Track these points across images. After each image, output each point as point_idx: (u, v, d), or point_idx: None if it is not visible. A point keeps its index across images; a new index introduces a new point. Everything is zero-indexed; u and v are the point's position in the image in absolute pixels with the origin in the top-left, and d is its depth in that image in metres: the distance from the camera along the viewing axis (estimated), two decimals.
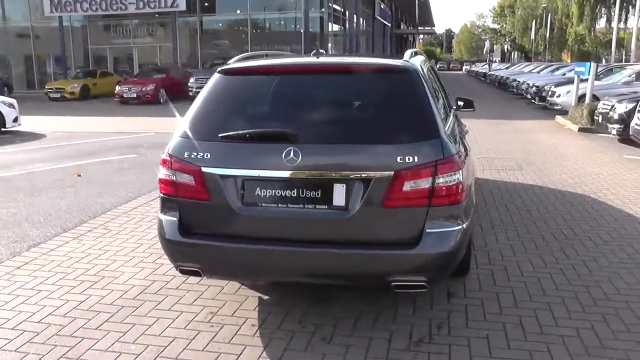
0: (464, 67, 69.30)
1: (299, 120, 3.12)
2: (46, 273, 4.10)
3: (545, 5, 45.93)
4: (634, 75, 13.84)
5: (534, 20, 47.45)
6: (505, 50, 78.98)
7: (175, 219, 3.15)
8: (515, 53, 72.01)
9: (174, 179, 3.12)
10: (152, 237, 4.88)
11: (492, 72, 36.79)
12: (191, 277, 3.91)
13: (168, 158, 3.15)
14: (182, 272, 3.22)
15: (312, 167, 2.91)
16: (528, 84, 21.04)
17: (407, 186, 2.85)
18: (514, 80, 25.42)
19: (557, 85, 16.68)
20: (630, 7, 32.03)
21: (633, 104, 9.31)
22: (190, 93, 19.46)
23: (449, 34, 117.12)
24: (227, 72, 3.37)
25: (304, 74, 3.35)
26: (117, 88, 20.33)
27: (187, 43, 28.78)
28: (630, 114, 9.33)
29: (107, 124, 14.17)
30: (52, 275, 4.06)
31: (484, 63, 63.62)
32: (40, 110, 18.01)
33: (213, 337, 3.13)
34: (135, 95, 19.59)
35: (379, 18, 41.30)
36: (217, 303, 3.57)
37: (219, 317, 3.38)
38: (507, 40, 71.31)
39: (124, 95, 19.76)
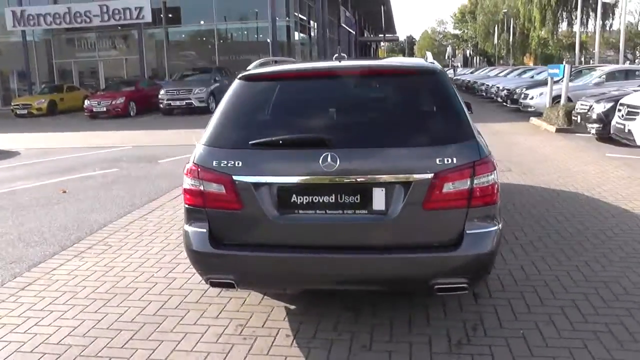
0: None
1: (332, 125, 3.08)
2: (53, 293, 3.92)
3: (506, 10, 47.14)
4: (604, 77, 14.29)
5: (496, 25, 48.65)
6: (467, 55, 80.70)
7: (204, 230, 3.04)
8: (477, 58, 73.64)
9: (202, 189, 3.02)
10: (157, 252, 4.74)
11: (458, 77, 37.51)
12: (210, 290, 3.83)
13: (194, 168, 3.05)
14: (213, 284, 3.12)
15: (351, 171, 2.86)
16: (498, 87, 21.49)
17: (447, 188, 2.84)
18: (482, 84, 25.95)
19: (529, 87, 17.10)
20: (590, 11, 33.19)
21: (611, 104, 9.59)
22: (161, 105, 19.16)
23: (411, 40, 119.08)
24: (249, 78, 3.30)
25: (331, 78, 3.30)
26: (86, 102, 19.83)
27: (154, 55, 28.37)
28: (608, 114, 9.61)
29: (80, 139, 13.78)
30: (60, 295, 3.88)
31: (447, 68, 64.84)
32: (8, 127, 17.44)
33: (249, 350, 3.03)
34: (105, 109, 19.14)
35: (344, 26, 41.62)
36: (244, 315, 3.47)
37: (250, 329, 3.29)
38: (469, 45, 72.91)
39: (94, 110, 19.28)
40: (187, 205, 3.15)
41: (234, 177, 2.94)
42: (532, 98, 15.97)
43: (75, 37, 28.61)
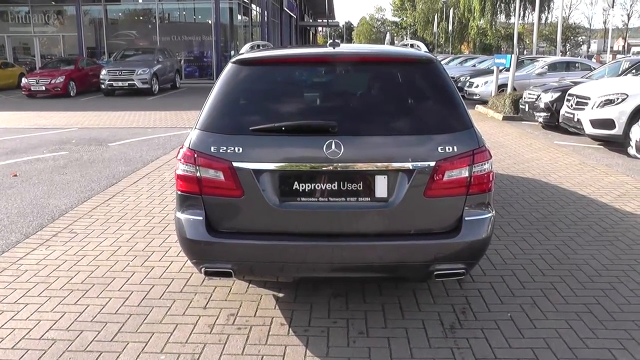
0: None
1: (334, 112, 3.04)
2: (25, 284, 3.69)
3: (445, 0, 48.10)
4: (547, 67, 14.92)
5: (436, 14, 49.58)
6: (406, 42, 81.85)
7: (200, 217, 2.94)
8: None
9: (198, 175, 2.92)
10: (128, 239, 4.56)
11: None
12: (193, 278, 3.75)
13: (190, 153, 2.93)
14: (208, 273, 3.02)
15: (354, 159, 2.84)
16: None
17: (448, 176, 2.88)
18: None
19: (473, 76, 17.67)
20: (527, 3, 34.41)
21: (558, 94, 10.03)
22: (102, 86, 18.35)
23: (349, 26, 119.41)
24: (245, 62, 3.20)
25: (330, 64, 3.25)
26: (24, 80, 18.61)
27: (92, 33, 27.02)
28: (554, 103, 10.06)
29: (21, 120, 12.97)
30: (33, 286, 3.66)
31: None
32: None
33: (247, 340, 2.98)
34: (44, 88, 18.05)
35: (287, 10, 41.17)
36: (233, 304, 3.40)
37: (242, 318, 3.23)
38: (407, 32, 73.93)
39: (32, 88, 18.14)
40: (180, 192, 3.03)
41: (234, 164, 2.85)
42: (477, 86, 16.52)
43: (9, 10, 26.79)
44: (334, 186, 2.88)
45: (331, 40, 3.33)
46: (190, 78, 24.74)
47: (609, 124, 8.07)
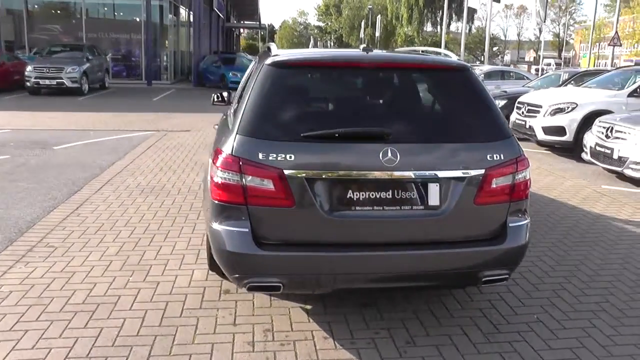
0: None
1: (382, 118, 2.96)
2: (15, 308, 3.30)
3: (371, 6, 49.28)
4: (483, 76, 15.61)
5: (362, 20, 50.64)
6: (329, 47, 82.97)
7: (245, 229, 2.76)
8: None
9: (242, 183, 2.73)
10: (116, 252, 4.22)
11: None
12: (208, 293, 3.54)
13: (234, 160, 2.74)
14: (253, 289, 2.84)
15: (410, 167, 2.79)
16: None
17: (495, 183, 2.90)
18: None
19: None
20: (453, 13, 36.00)
21: (504, 101, 10.54)
22: (28, 84, 17.02)
23: (271, 30, 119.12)
24: (283, 65, 3.04)
25: (370, 69, 3.16)
26: None
27: (11, 26, 25.03)
28: (502, 110, 10.53)
29: None
30: (26, 310, 3.27)
31: None
32: None
33: (297, 357, 2.83)
34: None
35: (216, 10, 40.37)
36: (263, 319, 3.23)
37: (280, 333, 3.07)
38: (332, 37, 74.94)
39: None
40: (219, 202, 2.83)
41: (286, 172, 2.70)
42: None
43: None
44: (389, 195, 2.80)
45: (364, 45, 3.25)
46: (118, 78, 23.46)
47: (560, 130, 8.57)
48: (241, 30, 73.46)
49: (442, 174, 2.83)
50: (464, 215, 2.88)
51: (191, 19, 26.78)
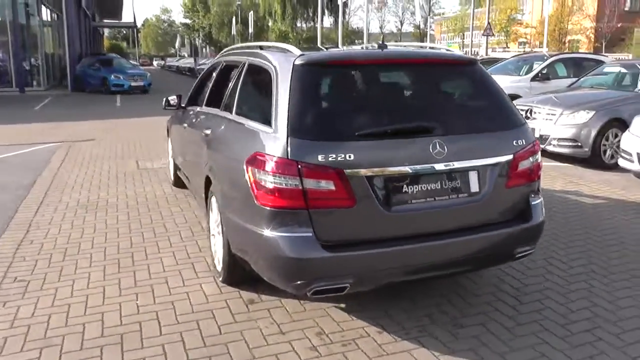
0: (155, 62, 67.58)
1: (425, 112, 3.05)
2: (26, 354, 2.88)
3: (239, 2, 48.83)
4: None
5: (233, 16, 49.99)
6: (198, 44, 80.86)
7: (308, 233, 2.70)
8: (208, 48, 74.36)
9: (302, 187, 2.66)
10: (103, 278, 3.86)
11: (202, 67, 37.46)
12: (233, 305, 3.39)
13: (291, 163, 2.66)
14: (319, 293, 2.78)
15: (455, 157, 2.91)
16: None
17: (521, 166, 3.13)
18: None
19: None
20: (326, 9, 36.85)
21: None
22: None
23: (134, 28, 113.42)
24: (315, 64, 3.00)
25: (402, 65, 3.22)
26: None
27: None
28: None
29: None
30: (40, 354, 2.88)
31: (177, 58, 64.02)
32: None
33: (367, 354, 2.83)
34: None
35: (85, 9, 37.52)
36: (307, 323, 3.16)
37: (335, 335, 3.03)
38: (200, 34, 73.10)
39: None
40: (272, 208, 2.73)
41: (346, 172, 2.68)
42: None
43: None
44: (438, 185, 2.90)
45: (380, 42, 3.29)
46: None
47: None
48: (104, 29, 68.90)
49: (480, 162, 3.00)
50: (499, 198, 3.08)
51: (64, 18, 24.41)
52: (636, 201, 5.79)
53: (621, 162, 6.49)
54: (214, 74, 4.66)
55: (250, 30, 41.84)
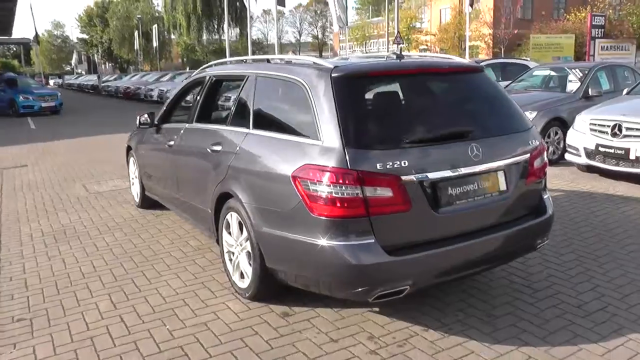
0: (51, 81, 63.96)
1: (459, 118, 3.22)
2: None
3: (140, 16, 47.16)
4: None
5: (136, 30, 48.20)
6: (97, 60, 77.15)
7: (371, 240, 2.77)
8: (107, 64, 71.28)
9: (363, 195, 2.73)
10: (113, 306, 3.66)
11: (107, 84, 35.96)
12: (271, 320, 3.36)
13: (349, 174, 2.71)
14: (381, 297, 2.85)
15: (488, 159, 3.11)
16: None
17: (536, 164, 3.40)
18: (151, 89, 25.88)
19: None
20: (231, 21, 36.59)
21: None
22: None
23: (27, 45, 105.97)
24: (352, 76, 3.09)
25: (428, 75, 3.39)
26: None
27: None
28: None
29: None
30: None
31: (75, 75, 60.80)
32: None
33: (424, 352, 2.93)
34: None
35: None
36: (354, 329, 3.20)
37: (386, 337, 3.10)
38: (99, 50, 69.80)
39: None
40: (330, 218, 2.76)
41: (403, 178, 2.78)
42: None
43: None
44: (476, 186, 3.09)
45: (394, 52, 3.43)
46: None
47: None
48: None
49: (507, 162, 3.22)
50: (520, 195, 3.32)
51: None
52: (588, 190, 6.38)
53: (568, 157, 7.09)
54: (202, 90, 4.55)
55: (155, 44, 40.59)
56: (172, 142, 4.71)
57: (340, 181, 2.73)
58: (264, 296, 3.52)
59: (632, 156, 6.24)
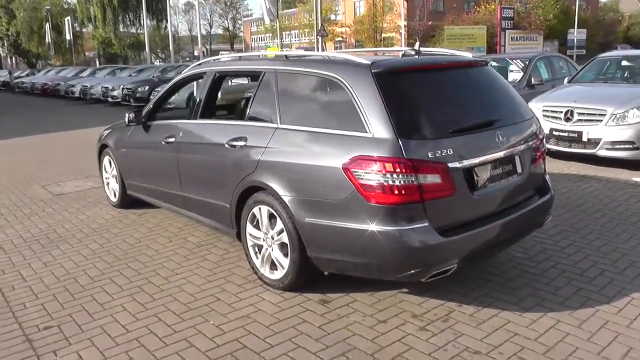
0: None
1: (484, 108, 3.50)
2: None
3: (49, 7, 44.33)
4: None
5: (46, 23, 45.14)
6: (1, 54, 71.57)
7: (425, 224, 2.98)
8: (15, 58, 66.41)
9: (418, 182, 2.93)
10: (142, 308, 3.63)
11: (21, 80, 33.58)
12: (313, 308, 3.48)
13: (407, 162, 2.92)
14: (432, 277, 3.07)
15: (510, 144, 3.44)
16: (107, 87, 21.03)
17: (541, 148, 3.78)
18: (72, 85, 24.60)
19: (163, 85, 17.93)
20: (148, 13, 35.21)
21: None
22: None
23: None
24: (394, 72, 3.29)
25: (450, 69, 3.63)
26: None
27: None
28: None
29: None
30: None
31: None
32: None
33: (469, 325, 3.18)
34: None
35: None
36: (393, 310, 3.39)
37: (429, 314, 3.32)
38: (5, 43, 64.68)
39: None
40: (386, 205, 2.94)
41: (449, 165, 3.01)
42: None
43: None
44: (500, 170, 3.41)
45: (414, 48, 3.62)
46: None
47: None
48: None
49: (522, 147, 3.56)
50: (530, 176, 3.66)
51: None
52: None
53: None
54: (203, 86, 4.53)
55: (68, 37, 38.33)
56: (171, 139, 4.65)
57: (398, 170, 2.90)
58: (298, 286, 3.62)
59: (584, 138, 6.88)
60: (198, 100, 4.51)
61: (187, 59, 61.59)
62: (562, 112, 7.10)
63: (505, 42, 33.93)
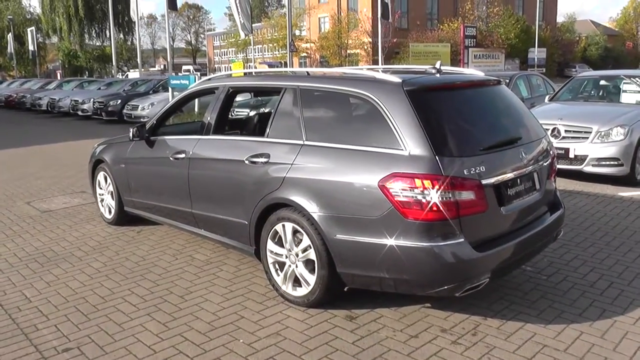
0: None
1: (510, 125, 3.63)
2: None
3: (11, 17, 43.15)
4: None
5: (9, 33, 43.80)
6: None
7: (461, 239, 3.04)
8: None
9: (455, 199, 2.99)
10: (164, 329, 3.56)
11: None
12: (340, 324, 3.48)
13: (444, 179, 2.96)
14: (467, 291, 3.11)
15: (530, 162, 3.56)
16: (76, 100, 20.55)
17: (553, 165, 3.94)
18: (39, 98, 23.95)
19: (131, 98, 17.81)
20: (117, 26, 34.69)
21: None
22: None
23: None
24: (427, 89, 3.37)
25: (475, 87, 3.72)
26: None
27: None
28: None
29: None
30: None
31: None
32: None
33: (498, 337, 3.23)
34: None
35: None
36: (422, 325, 3.42)
37: (457, 328, 3.36)
38: None
39: None
40: (424, 221, 2.99)
41: (483, 182, 3.09)
42: (143, 109, 16.82)
43: None
44: (523, 186, 3.51)
45: (438, 67, 3.69)
46: None
47: None
48: None
49: (540, 164, 3.69)
50: (546, 192, 3.79)
51: None
52: None
53: None
54: (216, 101, 4.49)
55: (32, 48, 37.32)
56: (181, 155, 4.59)
57: (437, 187, 2.95)
58: (324, 302, 3.62)
59: (571, 155, 7.12)
60: (211, 115, 4.47)
61: (160, 72, 60.73)
62: (548, 129, 7.33)
63: (468, 59, 34.85)
